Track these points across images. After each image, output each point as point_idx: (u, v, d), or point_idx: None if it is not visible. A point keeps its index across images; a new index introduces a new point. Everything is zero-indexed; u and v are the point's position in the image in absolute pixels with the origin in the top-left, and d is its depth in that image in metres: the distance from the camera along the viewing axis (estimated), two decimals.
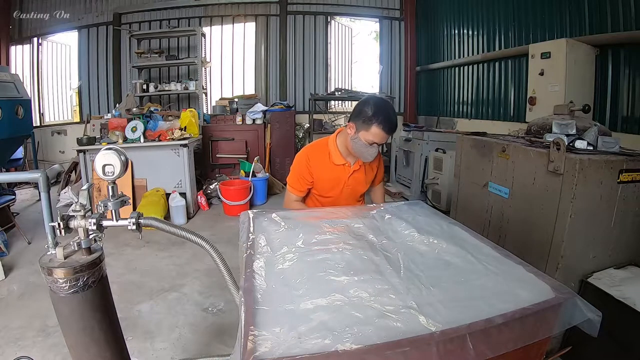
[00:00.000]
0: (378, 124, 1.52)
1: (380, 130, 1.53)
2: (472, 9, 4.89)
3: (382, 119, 1.52)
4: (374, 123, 1.52)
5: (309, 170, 1.75)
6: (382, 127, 1.52)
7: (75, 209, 1.00)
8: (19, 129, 3.87)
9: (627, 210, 1.66)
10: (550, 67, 3.11)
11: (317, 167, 1.75)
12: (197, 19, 6.34)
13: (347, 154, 1.74)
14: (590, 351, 1.53)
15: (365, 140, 1.57)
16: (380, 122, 1.52)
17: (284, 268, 0.94)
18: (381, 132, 1.53)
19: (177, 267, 2.90)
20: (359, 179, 1.80)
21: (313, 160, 1.75)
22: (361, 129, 1.56)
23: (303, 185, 1.77)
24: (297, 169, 1.77)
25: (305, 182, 1.76)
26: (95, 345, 1.06)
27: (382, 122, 1.52)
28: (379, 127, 1.52)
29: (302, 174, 1.75)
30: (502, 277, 0.91)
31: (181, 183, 4.13)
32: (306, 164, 1.75)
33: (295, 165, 1.79)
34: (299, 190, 1.78)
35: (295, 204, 1.79)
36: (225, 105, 5.71)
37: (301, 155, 1.78)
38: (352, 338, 0.66)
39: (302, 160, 1.76)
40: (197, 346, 1.97)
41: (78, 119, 6.77)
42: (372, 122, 1.53)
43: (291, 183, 1.79)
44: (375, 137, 1.55)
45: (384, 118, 1.52)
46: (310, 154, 1.77)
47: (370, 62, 7.34)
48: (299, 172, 1.76)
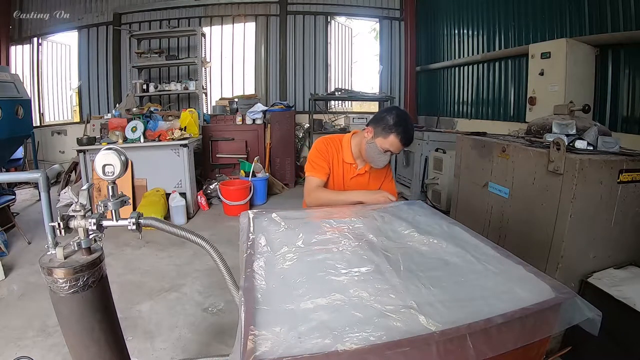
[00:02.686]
0: (397, 134, 1.58)
1: (398, 140, 1.59)
2: (472, 9, 4.89)
3: (402, 130, 1.58)
4: (393, 132, 1.58)
5: (328, 156, 1.78)
6: (400, 138, 1.59)
7: (75, 209, 1.00)
8: (19, 129, 3.87)
9: (627, 210, 1.66)
10: (550, 67, 3.11)
11: (331, 157, 1.79)
12: (197, 19, 6.34)
13: (358, 156, 1.78)
14: (590, 351, 1.53)
15: (380, 146, 1.62)
16: (400, 132, 1.58)
17: (284, 268, 0.94)
18: (398, 143, 1.60)
19: (177, 267, 2.90)
20: (361, 183, 1.81)
21: (330, 147, 1.80)
22: (379, 135, 1.62)
23: (324, 167, 1.77)
24: (317, 153, 1.78)
25: (326, 164, 1.77)
26: (95, 345, 1.06)
27: (401, 133, 1.58)
28: (397, 137, 1.58)
29: (324, 156, 1.77)
30: (502, 277, 0.91)
31: (181, 183, 4.13)
32: (325, 148, 1.79)
33: (314, 151, 1.80)
34: (321, 173, 1.76)
35: (319, 191, 1.73)
36: (225, 105, 5.71)
37: (320, 142, 1.83)
38: (352, 338, 0.66)
39: (322, 145, 1.80)
40: (197, 346, 1.97)
41: (78, 119, 6.77)
42: (391, 131, 1.58)
43: (311, 169, 1.77)
44: (391, 146, 1.61)
45: (404, 129, 1.59)
46: (327, 142, 1.82)
47: (370, 62, 7.35)
48: (319, 154, 1.78)
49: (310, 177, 1.75)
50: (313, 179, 1.74)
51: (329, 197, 1.69)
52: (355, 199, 1.63)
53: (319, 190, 1.72)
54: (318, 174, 1.75)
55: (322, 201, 1.68)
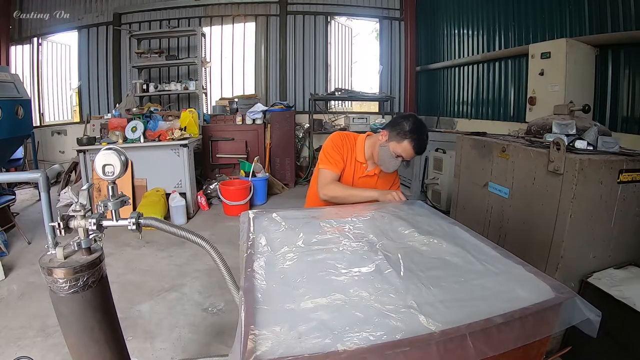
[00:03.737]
0: (411, 140, 1.60)
1: (411, 147, 1.61)
2: (472, 9, 4.89)
3: (416, 138, 1.61)
4: (407, 138, 1.61)
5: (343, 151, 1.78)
6: (414, 145, 1.61)
7: (75, 209, 1.00)
8: (19, 129, 3.87)
9: (627, 210, 1.66)
10: (550, 67, 3.11)
11: (345, 152, 1.79)
12: (197, 19, 6.34)
13: (369, 157, 1.79)
14: (590, 351, 1.53)
15: (393, 150, 1.64)
16: (414, 140, 1.61)
17: (284, 268, 0.94)
18: (411, 149, 1.62)
19: (177, 267, 2.90)
20: (369, 184, 1.81)
21: (345, 142, 1.80)
22: (393, 139, 1.64)
23: (340, 161, 1.76)
24: (334, 146, 1.78)
25: (341, 157, 1.77)
26: (95, 345, 1.06)
27: (415, 141, 1.61)
28: (410, 144, 1.61)
29: (339, 150, 1.77)
30: (502, 277, 0.91)
31: (181, 183, 4.13)
32: (341, 143, 1.79)
33: (330, 144, 1.79)
34: (336, 166, 1.75)
35: (334, 184, 1.72)
36: (225, 105, 5.71)
37: (336, 136, 1.83)
38: (352, 338, 0.66)
39: (338, 140, 1.80)
40: (197, 346, 1.97)
41: (78, 119, 6.76)
42: (406, 137, 1.61)
43: (327, 161, 1.76)
44: (403, 152, 1.63)
45: (418, 137, 1.61)
46: (343, 137, 1.83)
47: (370, 62, 7.34)
48: (336, 148, 1.77)
49: (325, 170, 1.74)
50: (328, 172, 1.74)
51: (343, 191, 1.69)
52: (369, 195, 1.64)
53: (334, 184, 1.72)
54: (333, 168, 1.74)
55: (336, 194, 1.68)
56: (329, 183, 1.71)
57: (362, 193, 1.67)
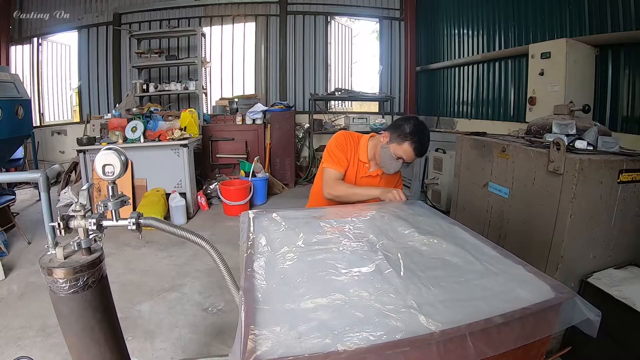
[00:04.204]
0: (411, 142, 1.61)
1: (412, 149, 1.62)
2: (472, 9, 4.89)
3: (417, 140, 1.61)
4: (407, 140, 1.61)
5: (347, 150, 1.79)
6: (414, 147, 1.62)
7: (75, 209, 1.00)
8: (19, 129, 3.87)
9: (627, 210, 1.66)
10: (550, 67, 3.11)
11: (349, 151, 1.80)
12: (197, 19, 6.34)
13: (372, 158, 1.80)
14: (590, 351, 1.53)
15: (393, 152, 1.65)
16: (414, 142, 1.61)
17: (284, 268, 0.94)
18: (411, 152, 1.62)
19: (177, 267, 2.90)
20: (372, 184, 1.81)
21: (349, 142, 1.81)
22: (394, 141, 1.64)
23: (344, 160, 1.77)
24: (338, 145, 1.79)
25: (345, 156, 1.77)
26: (95, 345, 1.06)
27: (415, 143, 1.61)
28: (411, 146, 1.61)
29: (344, 149, 1.78)
30: (502, 277, 0.91)
31: (181, 183, 4.13)
32: (345, 142, 1.80)
33: (334, 143, 1.80)
34: (340, 165, 1.76)
35: (339, 183, 1.73)
36: (225, 105, 5.71)
37: (340, 135, 1.84)
38: (352, 338, 0.66)
39: (342, 139, 1.81)
40: (197, 346, 1.97)
41: (78, 119, 6.77)
42: (406, 139, 1.61)
43: (331, 160, 1.77)
44: (404, 154, 1.63)
45: (419, 140, 1.61)
46: (347, 136, 1.84)
47: (370, 62, 7.34)
48: (340, 147, 1.78)
49: (330, 169, 1.76)
50: (333, 171, 1.76)
51: (347, 190, 1.71)
52: (372, 194, 1.66)
53: (339, 183, 1.74)
54: (337, 167, 1.76)
55: (340, 193, 1.70)
56: (333, 182, 1.73)
57: (365, 192, 1.69)
